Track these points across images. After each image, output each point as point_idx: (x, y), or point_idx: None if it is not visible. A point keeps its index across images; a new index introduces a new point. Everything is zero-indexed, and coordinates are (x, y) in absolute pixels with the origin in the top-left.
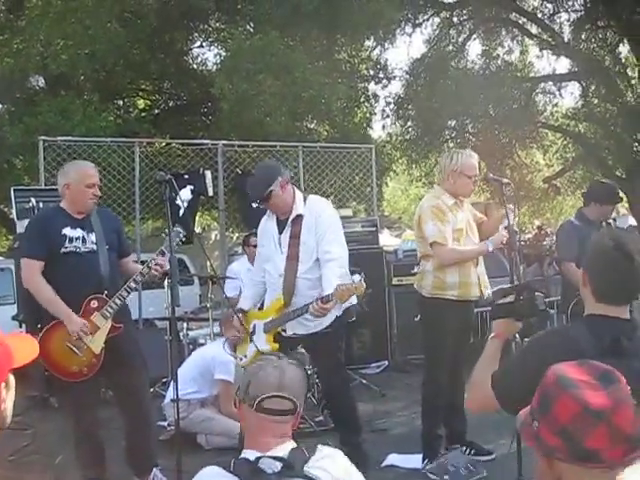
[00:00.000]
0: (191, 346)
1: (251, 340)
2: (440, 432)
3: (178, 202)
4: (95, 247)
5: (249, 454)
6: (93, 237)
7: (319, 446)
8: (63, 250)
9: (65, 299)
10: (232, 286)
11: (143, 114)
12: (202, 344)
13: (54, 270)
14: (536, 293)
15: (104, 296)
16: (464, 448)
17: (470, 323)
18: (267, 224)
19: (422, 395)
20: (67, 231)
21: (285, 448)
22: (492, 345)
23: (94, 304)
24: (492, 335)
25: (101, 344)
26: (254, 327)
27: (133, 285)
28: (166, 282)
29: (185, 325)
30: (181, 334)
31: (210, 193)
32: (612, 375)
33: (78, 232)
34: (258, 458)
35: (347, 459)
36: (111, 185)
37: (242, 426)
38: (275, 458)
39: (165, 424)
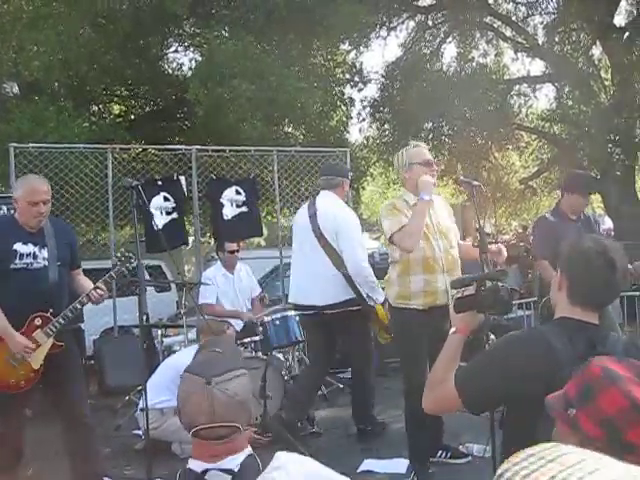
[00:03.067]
0: (166, 353)
1: None
2: (426, 442)
3: (152, 209)
4: (46, 263)
5: (196, 465)
6: (45, 253)
7: (277, 454)
8: (12, 266)
9: (9, 315)
10: (208, 293)
11: (118, 120)
12: (177, 351)
13: (1, 285)
14: (499, 284)
15: (49, 314)
16: (441, 452)
17: (443, 328)
18: None
19: (407, 407)
20: (18, 247)
21: (236, 459)
22: (453, 341)
23: (38, 322)
24: (453, 330)
25: (40, 360)
26: None
27: (78, 306)
28: None
29: (160, 332)
30: (156, 341)
31: (186, 196)
32: None
33: (29, 248)
34: (205, 471)
35: (313, 463)
36: (84, 192)
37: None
38: (224, 471)
39: (140, 433)
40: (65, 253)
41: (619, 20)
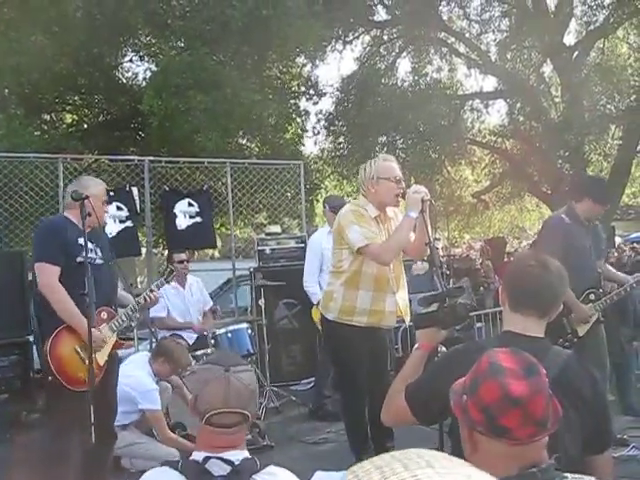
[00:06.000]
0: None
1: None
2: (371, 457)
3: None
4: (102, 261)
5: (198, 455)
6: (99, 251)
7: (271, 465)
8: (79, 259)
9: (79, 307)
10: (159, 306)
11: (71, 129)
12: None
13: (68, 279)
14: (458, 301)
15: (112, 309)
16: None
17: (383, 343)
18: None
19: (344, 423)
20: (81, 241)
21: (238, 455)
22: (415, 356)
23: (104, 316)
24: (416, 346)
25: (105, 356)
26: None
27: (137, 307)
28: None
29: None
30: None
31: (137, 210)
32: (536, 367)
33: (90, 244)
34: (206, 458)
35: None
36: (34, 202)
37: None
38: (224, 461)
39: None
40: (110, 256)
41: (569, 39)
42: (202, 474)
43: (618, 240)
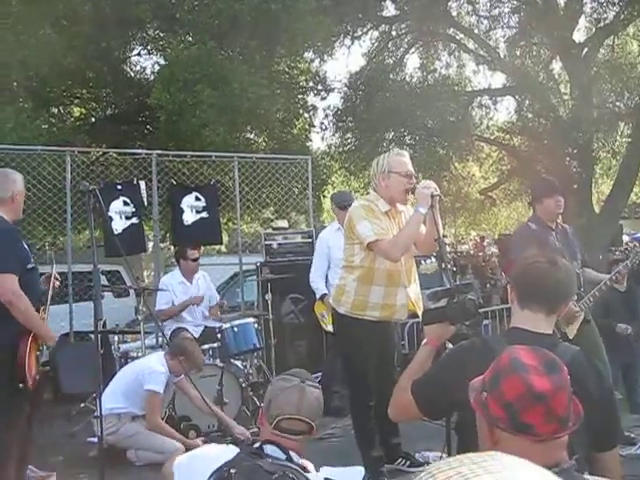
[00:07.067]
0: (122, 360)
1: None
2: (378, 453)
3: (111, 213)
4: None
5: (257, 444)
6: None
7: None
8: (29, 266)
9: None
10: (164, 300)
11: (79, 123)
12: (134, 357)
13: (22, 286)
14: (467, 297)
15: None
16: (401, 460)
17: (392, 339)
18: None
19: (353, 422)
20: (25, 245)
21: (293, 454)
22: (423, 352)
23: (42, 316)
24: (424, 342)
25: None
26: None
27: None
28: None
29: (116, 338)
30: (113, 348)
31: (145, 203)
32: (556, 364)
33: (25, 246)
34: (266, 441)
35: None
36: (41, 195)
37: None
38: (282, 449)
39: (95, 440)
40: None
41: (578, 36)
42: (257, 453)
43: (626, 238)
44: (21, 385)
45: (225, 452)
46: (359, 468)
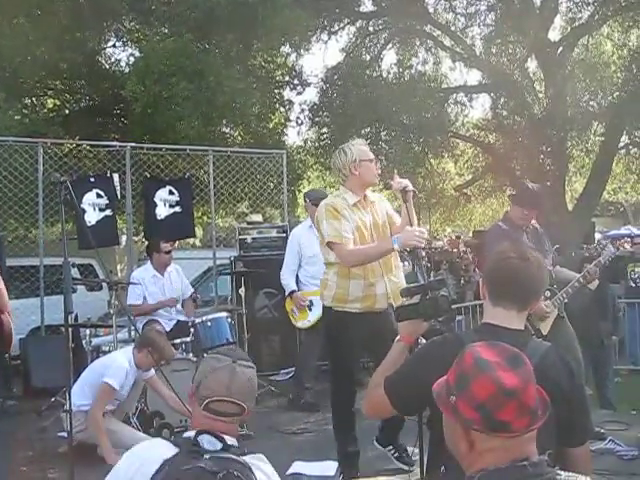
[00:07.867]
0: (94, 354)
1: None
2: (355, 449)
3: (84, 205)
4: None
5: (190, 433)
6: None
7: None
8: None
9: None
10: (135, 294)
11: (52, 114)
12: (106, 351)
13: None
14: (440, 293)
15: None
16: (392, 448)
17: (382, 329)
18: None
19: (333, 412)
20: None
21: (228, 439)
22: (396, 348)
23: None
24: (397, 338)
25: None
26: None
27: None
28: None
29: (88, 332)
30: (84, 341)
31: (118, 196)
32: (519, 357)
33: None
34: (199, 432)
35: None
36: (13, 187)
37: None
38: (216, 437)
39: (65, 435)
40: None
41: (554, 35)
42: (193, 447)
43: (598, 236)
44: None
45: (162, 448)
46: (332, 462)
